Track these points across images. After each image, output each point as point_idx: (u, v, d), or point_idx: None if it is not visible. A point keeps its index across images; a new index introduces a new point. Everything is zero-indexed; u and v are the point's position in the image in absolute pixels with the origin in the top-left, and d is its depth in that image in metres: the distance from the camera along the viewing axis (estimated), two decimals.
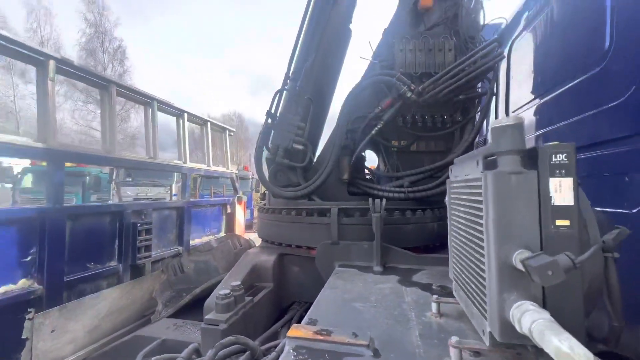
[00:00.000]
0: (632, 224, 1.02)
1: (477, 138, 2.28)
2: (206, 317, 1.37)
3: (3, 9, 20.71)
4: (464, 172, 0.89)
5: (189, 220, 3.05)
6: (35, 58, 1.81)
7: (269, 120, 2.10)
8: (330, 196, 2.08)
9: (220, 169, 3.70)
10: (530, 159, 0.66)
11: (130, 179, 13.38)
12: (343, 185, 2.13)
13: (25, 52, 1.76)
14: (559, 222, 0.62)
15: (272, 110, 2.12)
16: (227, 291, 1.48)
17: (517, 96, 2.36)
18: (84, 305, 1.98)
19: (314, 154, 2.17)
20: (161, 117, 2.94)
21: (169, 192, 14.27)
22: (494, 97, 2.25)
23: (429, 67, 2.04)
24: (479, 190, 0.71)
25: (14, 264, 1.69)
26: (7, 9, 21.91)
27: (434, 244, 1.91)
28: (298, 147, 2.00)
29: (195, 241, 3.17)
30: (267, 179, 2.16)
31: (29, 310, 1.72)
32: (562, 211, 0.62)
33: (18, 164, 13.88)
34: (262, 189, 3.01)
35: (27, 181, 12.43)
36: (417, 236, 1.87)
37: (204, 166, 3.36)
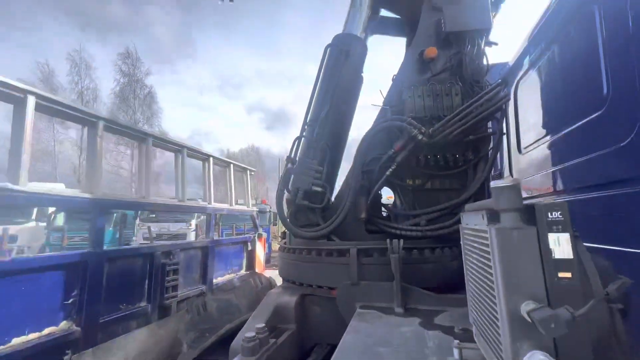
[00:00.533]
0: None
1: (492, 172, 2.33)
2: None
3: (52, 64, 23.38)
4: (473, 221, 0.96)
5: (213, 258, 3.16)
6: (87, 120, 2.10)
7: (289, 165, 2.26)
8: (349, 235, 2.15)
9: (242, 207, 3.87)
10: (529, 215, 0.73)
11: (154, 216, 13.88)
12: (361, 224, 2.20)
13: (79, 115, 2.05)
14: (561, 275, 0.68)
15: (292, 155, 2.29)
16: (253, 334, 1.53)
17: (527, 134, 2.43)
18: (115, 346, 2.07)
19: (331, 194, 2.28)
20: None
21: (189, 227, 14.66)
22: (504, 136, 2.33)
23: (437, 111, 2.17)
24: (487, 242, 0.78)
25: (58, 306, 1.83)
26: (55, 63, 24.73)
27: (455, 282, 1.91)
28: (317, 189, 2.13)
29: (217, 279, 3.25)
30: (288, 219, 2.27)
31: (66, 352, 1.83)
32: (563, 264, 0.68)
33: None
34: (282, 227, 3.12)
35: (60, 220, 13.16)
36: (437, 275, 1.88)
37: (226, 206, 3.55)
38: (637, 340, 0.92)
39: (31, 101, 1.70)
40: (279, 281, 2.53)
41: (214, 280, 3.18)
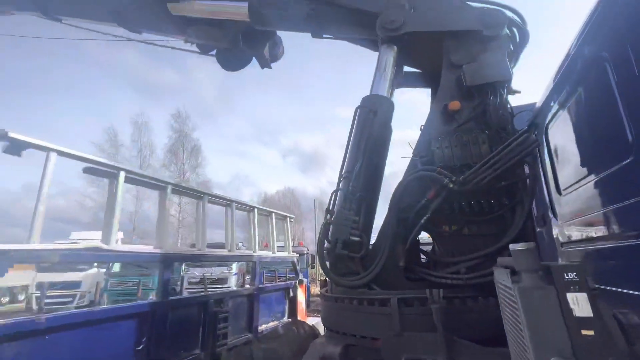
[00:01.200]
0: None
1: (531, 214, 2.31)
2: None
3: (116, 126, 27.30)
4: (502, 277, 1.05)
5: (258, 305, 3.31)
6: (159, 185, 2.52)
7: (328, 216, 2.45)
8: (390, 283, 2.21)
9: (283, 254, 4.07)
10: (549, 275, 0.83)
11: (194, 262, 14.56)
12: (401, 271, 2.26)
13: (154, 182, 2.48)
14: (584, 332, 0.75)
15: (330, 207, 2.49)
16: None
17: (564, 176, 2.42)
18: None
19: (369, 243, 2.40)
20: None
21: (230, 271, 15.09)
22: (539, 178, 2.35)
23: (466, 159, 2.28)
24: (514, 298, 0.87)
25: (131, 352, 2.08)
26: (120, 125, 28.85)
27: (502, 334, 1.85)
28: (355, 239, 2.27)
29: (262, 327, 3.36)
30: (329, 268, 2.40)
31: None
32: (585, 322, 0.75)
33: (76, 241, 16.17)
34: (321, 271, 3.20)
35: (116, 266, 14.33)
36: (482, 326, 1.84)
37: (270, 253, 3.77)
38: None
39: (122, 176, 2.14)
40: (321, 328, 2.59)
41: (259, 328, 3.29)
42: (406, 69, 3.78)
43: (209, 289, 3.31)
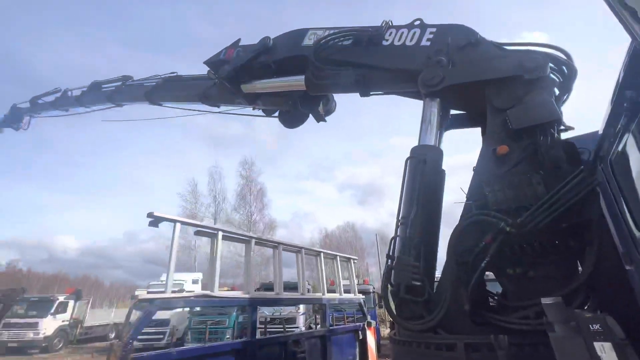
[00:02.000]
0: None
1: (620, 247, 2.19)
2: None
3: (196, 178, 31.59)
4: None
5: (331, 346, 3.53)
6: (245, 239, 3.09)
7: (389, 262, 2.68)
8: (455, 327, 2.28)
9: (350, 296, 4.29)
10: (577, 325, 0.99)
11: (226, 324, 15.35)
12: (466, 315, 2.32)
13: (241, 237, 3.05)
14: None
15: (390, 253, 2.72)
16: None
17: None
18: None
19: (432, 287, 2.52)
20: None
21: (298, 310, 15.41)
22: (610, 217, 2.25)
23: (521, 201, 2.33)
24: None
25: None
26: (198, 176, 33.28)
27: None
28: (416, 284, 2.43)
29: None
30: (395, 312, 2.57)
31: None
32: None
33: (191, 291, 18.09)
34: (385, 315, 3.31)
35: (197, 306, 15.80)
36: None
37: (337, 295, 4.03)
38: None
39: (220, 235, 2.74)
40: None
41: None
42: (453, 111, 3.98)
43: (278, 329, 3.64)
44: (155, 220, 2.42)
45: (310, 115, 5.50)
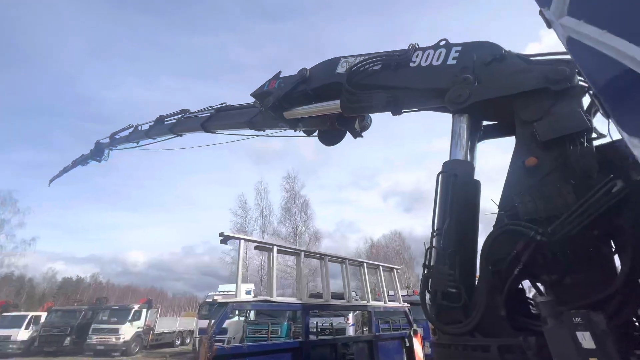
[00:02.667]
0: None
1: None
2: None
3: (245, 194, 33.57)
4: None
5: (377, 351, 3.80)
6: (295, 252, 3.55)
7: (425, 271, 2.92)
8: (492, 331, 2.43)
9: (395, 304, 4.51)
10: (564, 319, 1.23)
11: (317, 311, 15.68)
12: (502, 320, 2.46)
13: (292, 250, 3.52)
14: (591, 359, 1.13)
15: (426, 263, 2.96)
16: None
17: None
18: None
19: (467, 294, 2.70)
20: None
21: (347, 321, 15.59)
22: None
23: (552, 211, 2.44)
24: None
25: None
26: (246, 191, 35.40)
27: None
28: (452, 291, 2.65)
29: None
30: (434, 317, 2.80)
31: None
32: (590, 352, 1.14)
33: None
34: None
35: (251, 314, 16.81)
36: None
37: (382, 303, 4.29)
38: None
39: (275, 249, 3.23)
40: None
41: None
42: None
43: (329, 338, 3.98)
44: (224, 239, 3.00)
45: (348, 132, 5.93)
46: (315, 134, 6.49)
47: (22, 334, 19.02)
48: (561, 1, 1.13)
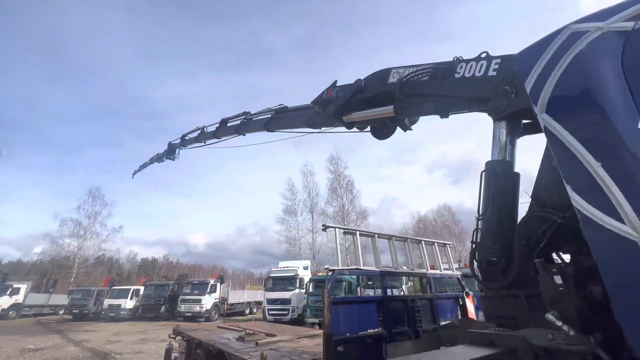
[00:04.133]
0: None
1: None
2: None
3: (292, 178, 35.57)
4: None
5: (437, 308, 5.02)
6: (370, 235, 4.82)
7: (473, 246, 3.98)
8: (524, 285, 3.45)
9: (449, 272, 5.64)
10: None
11: (371, 282, 17.29)
12: (531, 278, 3.47)
13: (367, 233, 4.79)
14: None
15: (474, 240, 4.01)
16: None
17: None
18: (400, 345, 4.25)
19: (505, 262, 3.71)
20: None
21: (401, 292, 17.02)
22: None
23: (567, 202, 3.31)
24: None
25: (375, 320, 4.29)
26: (294, 176, 37.58)
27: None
28: (494, 259, 3.70)
29: (442, 323, 5.03)
30: (481, 279, 3.89)
31: (383, 343, 4.17)
32: (560, 286, 2.23)
33: (306, 276, 21.58)
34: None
35: (311, 287, 18.92)
36: None
37: (438, 271, 5.45)
38: None
39: (357, 233, 4.51)
40: None
41: (440, 322, 4.96)
42: None
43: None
44: (324, 228, 4.35)
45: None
46: (368, 129, 7.55)
47: (129, 303, 23.67)
48: (543, 102, 2.06)
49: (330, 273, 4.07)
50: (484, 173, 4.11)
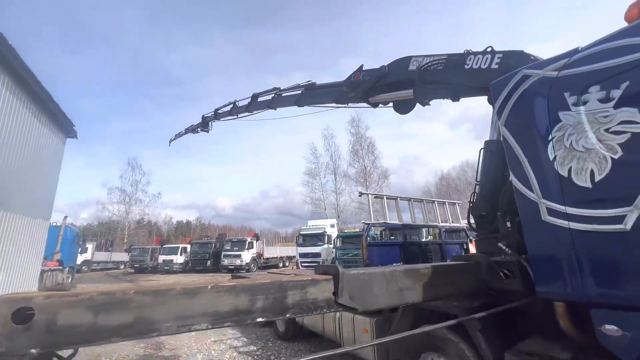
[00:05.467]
0: None
1: None
2: None
3: (315, 142, 36.87)
4: None
5: (445, 251, 6.73)
6: (393, 198, 6.44)
7: (470, 204, 5.49)
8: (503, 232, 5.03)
9: (455, 224, 7.26)
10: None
11: (393, 237, 19.26)
12: (508, 227, 5.01)
13: (389, 196, 6.41)
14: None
15: (471, 200, 5.51)
16: None
17: None
18: None
19: (492, 216, 5.22)
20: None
21: None
22: None
23: None
24: None
25: (398, 258, 6.08)
26: (316, 140, 38.92)
27: None
28: (484, 214, 5.22)
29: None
30: (475, 227, 5.46)
31: None
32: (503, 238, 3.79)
33: (333, 233, 24.02)
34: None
35: (338, 242, 21.30)
36: None
37: (447, 224, 7.07)
38: None
39: (385, 197, 6.11)
40: None
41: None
42: None
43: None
44: (360, 195, 5.91)
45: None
46: (390, 105, 8.78)
47: (179, 259, 27.55)
48: (503, 119, 3.37)
49: (366, 226, 5.77)
50: (482, 150, 5.51)
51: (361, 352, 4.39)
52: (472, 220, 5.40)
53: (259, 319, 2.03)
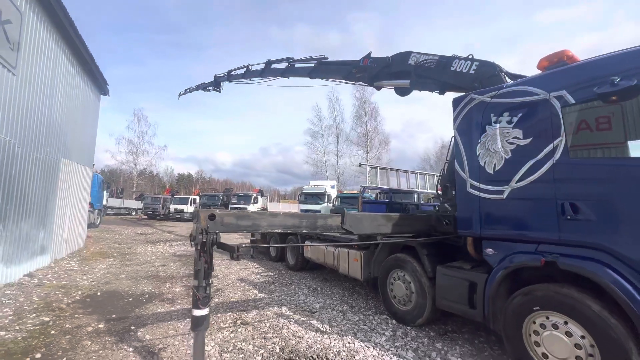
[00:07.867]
0: None
1: None
2: None
3: (320, 103, 37.99)
4: None
5: (420, 210, 8.92)
6: (385, 169, 8.48)
7: (439, 177, 7.51)
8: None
9: (432, 191, 9.41)
10: None
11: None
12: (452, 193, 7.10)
13: (383, 167, 8.45)
14: None
15: (440, 174, 7.52)
16: None
17: None
18: None
19: (451, 187, 7.27)
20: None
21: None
22: None
23: None
24: None
25: (384, 212, 8.30)
26: (320, 101, 39.73)
27: None
28: (447, 185, 7.26)
29: None
30: (440, 195, 7.55)
31: None
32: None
33: (333, 193, 26.37)
34: None
35: (337, 202, 23.70)
36: None
37: (424, 190, 9.20)
38: None
39: (378, 168, 8.12)
40: None
41: None
42: None
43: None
44: (360, 166, 7.81)
45: None
46: (392, 88, 10.43)
47: (189, 209, 30.23)
48: (456, 124, 5.20)
49: (362, 188, 7.79)
50: (452, 138, 7.46)
51: (353, 273, 6.71)
52: (439, 188, 7.52)
53: (304, 231, 4.19)
